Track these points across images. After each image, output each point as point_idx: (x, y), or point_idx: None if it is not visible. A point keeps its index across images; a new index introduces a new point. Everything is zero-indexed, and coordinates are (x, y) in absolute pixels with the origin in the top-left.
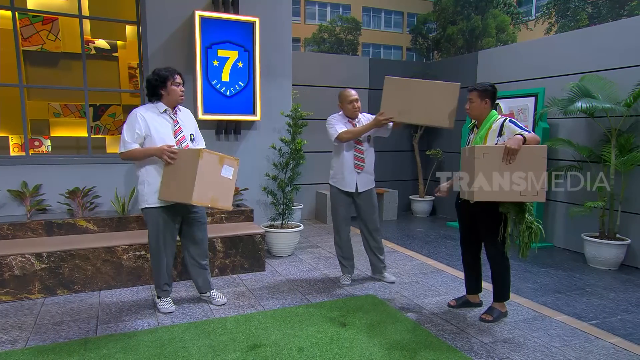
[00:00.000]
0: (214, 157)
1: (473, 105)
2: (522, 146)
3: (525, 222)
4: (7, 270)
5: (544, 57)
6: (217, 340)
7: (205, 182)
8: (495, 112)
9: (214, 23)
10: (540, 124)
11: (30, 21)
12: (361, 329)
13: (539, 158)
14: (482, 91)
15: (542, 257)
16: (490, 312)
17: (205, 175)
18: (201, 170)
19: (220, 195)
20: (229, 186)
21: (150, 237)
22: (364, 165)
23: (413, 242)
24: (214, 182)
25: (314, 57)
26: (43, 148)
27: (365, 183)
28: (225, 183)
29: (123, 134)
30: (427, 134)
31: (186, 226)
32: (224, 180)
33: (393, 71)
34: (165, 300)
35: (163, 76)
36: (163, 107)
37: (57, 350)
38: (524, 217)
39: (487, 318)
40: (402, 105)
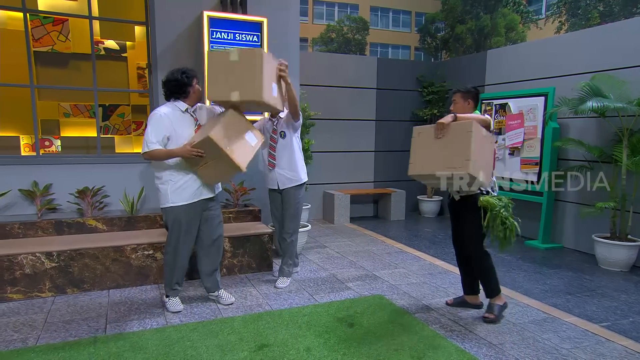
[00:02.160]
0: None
1: (457, 107)
2: (450, 122)
3: (500, 218)
4: (18, 269)
5: (554, 56)
6: (225, 339)
7: (229, 132)
8: (478, 113)
9: (222, 23)
10: (550, 123)
11: (41, 22)
12: (369, 329)
13: (465, 132)
14: (465, 92)
15: (551, 258)
16: (491, 310)
17: (230, 126)
18: (228, 120)
19: (239, 150)
20: (249, 150)
21: (170, 236)
22: (275, 163)
23: (421, 243)
24: (237, 137)
25: (321, 57)
26: (53, 148)
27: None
28: (246, 145)
29: (147, 134)
30: None
31: (205, 225)
32: (246, 143)
33: (401, 71)
34: (173, 299)
35: (191, 75)
36: (184, 106)
37: (67, 348)
38: (499, 212)
39: (489, 317)
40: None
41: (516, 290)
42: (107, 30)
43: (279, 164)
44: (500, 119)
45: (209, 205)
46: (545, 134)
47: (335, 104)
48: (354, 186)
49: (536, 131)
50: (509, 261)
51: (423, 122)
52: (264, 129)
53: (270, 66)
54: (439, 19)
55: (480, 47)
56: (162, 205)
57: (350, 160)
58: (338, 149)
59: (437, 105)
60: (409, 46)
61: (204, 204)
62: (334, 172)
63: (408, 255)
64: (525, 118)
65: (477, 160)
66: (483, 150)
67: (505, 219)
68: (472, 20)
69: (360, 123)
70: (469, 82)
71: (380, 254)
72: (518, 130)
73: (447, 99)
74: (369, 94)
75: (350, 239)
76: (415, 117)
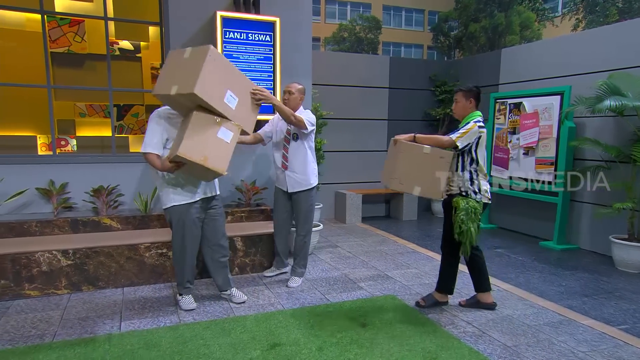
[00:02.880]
0: (211, 116)
1: (458, 105)
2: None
3: (457, 220)
4: (35, 266)
5: (570, 54)
6: (238, 338)
7: (198, 137)
8: (478, 113)
9: (235, 23)
10: (566, 123)
11: (58, 24)
12: (381, 330)
13: (398, 152)
14: (467, 91)
15: (567, 260)
16: (427, 299)
17: (198, 131)
18: (194, 125)
19: (213, 155)
20: (225, 149)
21: (174, 235)
22: (287, 164)
23: (433, 243)
24: (209, 139)
25: (334, 56)
26: (69, 147)
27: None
28: (221, 145)
29: (145, 135)
30: (448, 133)
31: (207, 224)
32: (221, 142)
33: (414, 70)
34: (186, 297)
35: None
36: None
37: (82, 344)
38: (459, 215)
39: (421, 303)
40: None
41: (531, 291)
42: (121, 31)
43: (291, 166)
44: (514, 119)
45: (212, 204)
46: (561, 134)
47: (348, 104)
48: (366, 186)
49: (551, 130)
50: (522, 262)
51: (436, 122)
52: (278, 129)
53: (227, 72)
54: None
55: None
56: (164, 205)
57: (362, 160)
58: (350, 149)
59: (450, 104)
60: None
61: (206, 202)
62: (346, 171)
63: (420, 256)
64: (540, 117)
65: (409, 177)
66: (422, 167)
67: (462, 223)
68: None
69: (372, 122)
70: (482, 81)
71: (392, 254)
72: (533, 130)
73: None
74: (381, 94)
75: (362, 238)
76: (427, 116)
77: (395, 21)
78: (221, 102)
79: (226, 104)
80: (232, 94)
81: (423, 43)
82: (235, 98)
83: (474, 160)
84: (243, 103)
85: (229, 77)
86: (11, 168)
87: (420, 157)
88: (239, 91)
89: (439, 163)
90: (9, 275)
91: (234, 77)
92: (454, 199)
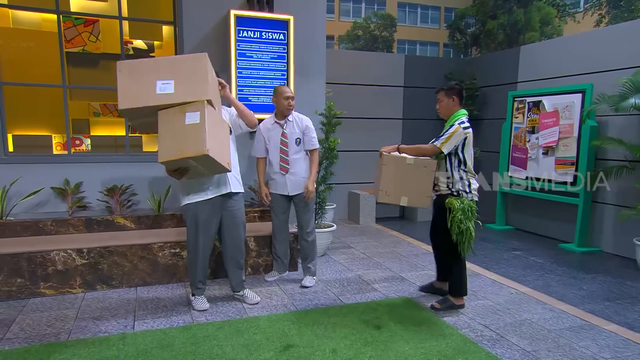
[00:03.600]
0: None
1: (442, 105)
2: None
3: (457, 221)
4: (51, 265)
5: (592, 51)
6: (251, 339)
7: (169, 135)
8: (463, 112)
9: (249, 22)
10: (588, 122)
11: (73, 23)
12: (396, 332)
13: (382, 165)
14: (448, 89)
15: (588, 263)
16: (443, 302)
17: (167, 130)
18: (161, 126)
19: (188, 143)
20: (198, 130)
21: (188, 234)
22: (288, 167)
23: None
24: (180, 132)
25: (348, 54)
26: (83, 147)
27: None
28: (193, 129)
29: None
30: None
31: (224, 223)
32: (192, 127)
33: (429, 68)
34: (199, 297)
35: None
36: None
37: (97, 343)
38: (456, 215)
39: (436, 306)
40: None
41: (550, 295)
42: (135, 30)
43: (292, 169)
44: (533, 117)
45: (229, 203)
46: (582, 133)
47: (362, 103)
48: None
49: (572, 130)
50: (541, 265)
51: None
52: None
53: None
54: (469, 14)
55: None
56: (181, 203)
57: (376, 160)
58: (364, 148)
59: (466, 103)
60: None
61: (222, 201)
62: (360, 171)
63: None
64: (560, 116)
65: (395, 189)
66: (407, 177)
67: (460, 223)
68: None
69: (387, 122)
70: (500, 79)
71: (407, 255)
72: (553, 129)
73: (477, 97)
74: (396, 92)
75: (376, 239)
76: None
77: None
78: (154, 95)
79: (163, 94)
80: (164, 81)
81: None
82: (169, 82)
83: (461, 161)
84: (182, 80)
85: (149, 70)
86: (27, 167)
87: (405, 168)
88: (169, 73)
89: (423, 173)
90: (25, 273)
91: (155, 65)
92: (447, 200)
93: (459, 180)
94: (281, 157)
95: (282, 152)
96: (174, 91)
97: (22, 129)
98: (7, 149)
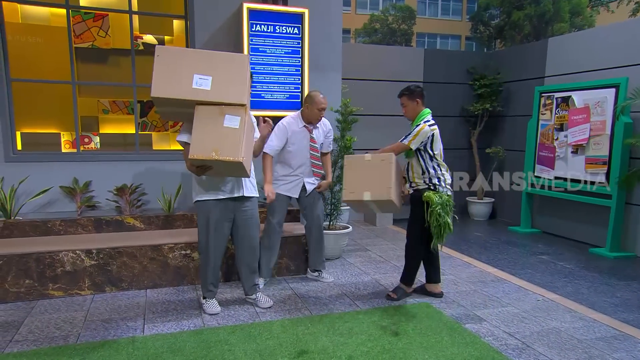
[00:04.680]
0: (211, 107)
1: (407, 108)
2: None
3: (435, 214)
4: (60, 266)
5: (627, 42)
6: (264, 344)
7: (205, 133)
8: (427, 111)
9: (262, 15)
10: (622, 118)
11: (82, 18)
12: (415, 339)
13: (344, 167)
14: (410, 93)
15: (622, 269)
16: (396, 291)
17: (203, 127)
18: (198, 122)
19: (224, 146)
20: (236, 136)
21: (199, 233)
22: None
23: (470, 248)
24: (216, 133)
25: (364, 49)
26: (92, 145)
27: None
28: (230, 133)
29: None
30: (486, 130)
31: (237, 226)
32: (229, 131)
33: (450, 63)
34: (210, 301)
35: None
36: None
37: (106, 347)
38: (435, 209)
39: (392, 296)
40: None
41: (580, 302)
42: (145, 25)
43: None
44: (562, 114)
45: (243, 206)
46: (616, 130)
47: (379, 99)
48: None
49: (604, 127)
50: (570, 270)
51: (473, 118)
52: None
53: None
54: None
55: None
56: (193, 199)
57: None
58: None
59: (489, 99)
60: (459, 36)
61: (235, 204)
62: None
63: (456, 261)
64: (591, 112)
65: (357, 185)
66: (367, 173)
67: (439, 216)
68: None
69: (405, 119)
70: (526, 74)
71: None
72: (583, 126)
73: (500, 93)
74: None
75: (393, 242)
76: (465, 112)
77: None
78: (190, 89)
79: (199, 89)
80: (202, 75)
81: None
82: (207, 77)
83: (432, 156)
84: (221, 78)
85: (188, 61)
86: (36, 166)
87: (364, 165)
88: (208, 68)
89: (381, 166)
90: (34, 274)
91: (194, 58)
92: (424, 193)
93: (434, 174)
94: (313, 162)
95: (313, 158)
96: (211, 88)
97: (31, 127)
98: (16, 147)
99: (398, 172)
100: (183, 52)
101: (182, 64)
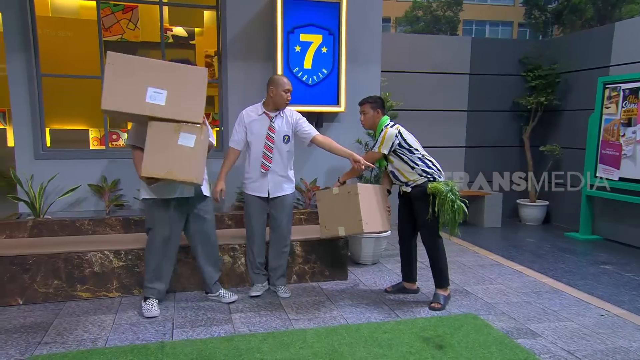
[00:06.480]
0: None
1: (367, 117)
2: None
3: (449, 202)
4: (88, 267)
5: None
6: (297, 354)
7: (159, 150)
8: (386, 117)
9: (297, 5)
10: None
11: (112, 10)
12: (461, 354)
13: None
14: (373, 102)
15: None
16: (437, 300)
17: (157, 144)
18: (152, 138)
19: (178, 166)
20: (191, 155)
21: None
22: (270, 166)
23: (522, 255)
24: (170, 151)
25: (406, 39)
26: (120, 142)
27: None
28: (183, 152)
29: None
30: (540, 126)
31: (192, 223)
32: (182, 150)
33: (501, 52)
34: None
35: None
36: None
37: (135, 351)
38: (447, 196)
39: (436, 306)
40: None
41: None
42: (175, 16)
43: (274, 167)
44: (630, 107)
45: (197, 206)
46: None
47: (421, 93)
48: None
49: None
50: (639, 283)
51: (526, 112)
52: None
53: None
54: None
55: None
56: (140, 196)
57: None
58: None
59: (544, 92)
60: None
61: (185, 203)
62: None
63: (506, 269)
64: None
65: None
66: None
67: (453, 202)
68: None
69: (449, 114)
70: (588, 63)
71: (472, 266)
72: None
73: (557, 84)
74: (460, 81)
75: None
76: (517, 106)
77: None
78: (142, 103)
79: (152, 104)
80: (155, 89)
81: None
82: (161, 91)
83: (410, 150)
84: (176, 93)
85: (142, 72)
86: (65, 163)
87: (334, 199)
88: (163, 81)
89: (349, 198)
90: (62, 275)
91: (149, 69)
92: (429, 185)
93: (424, 165)
94: (264, 152)
95: (266, 148)
96: (165, 103)
97: (60, 123)
98: (45, 144)
99: (372, 195)
100: (137, 61)
101: (135, 74)
